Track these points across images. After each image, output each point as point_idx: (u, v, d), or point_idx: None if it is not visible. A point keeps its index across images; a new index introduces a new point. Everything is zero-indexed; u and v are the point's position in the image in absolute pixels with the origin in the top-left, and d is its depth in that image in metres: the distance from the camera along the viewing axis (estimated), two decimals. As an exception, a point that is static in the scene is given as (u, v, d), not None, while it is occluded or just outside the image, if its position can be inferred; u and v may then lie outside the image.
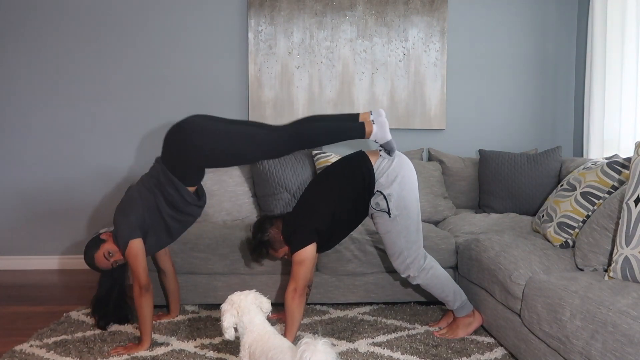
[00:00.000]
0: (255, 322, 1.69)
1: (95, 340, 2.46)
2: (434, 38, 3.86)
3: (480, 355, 2.30)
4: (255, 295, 1.77)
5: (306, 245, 2.32)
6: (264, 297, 1.78)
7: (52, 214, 3.91)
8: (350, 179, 2.37)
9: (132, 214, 2.37)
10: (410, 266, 2.42)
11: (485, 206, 3.50)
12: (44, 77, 3.84)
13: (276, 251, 2.48)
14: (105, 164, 3.90)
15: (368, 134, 2.32)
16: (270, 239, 2.45)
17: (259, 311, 1.73)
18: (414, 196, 2.38)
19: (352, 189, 2.36)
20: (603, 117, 3.48)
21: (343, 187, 2.37)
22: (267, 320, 1.73)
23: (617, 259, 1.86)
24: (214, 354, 2.30)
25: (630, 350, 1.49)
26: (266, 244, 2.46)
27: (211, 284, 2.92)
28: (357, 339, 2.47)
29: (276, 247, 2.47)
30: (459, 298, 2.50)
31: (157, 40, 3.85)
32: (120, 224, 2.36)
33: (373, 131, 2.31)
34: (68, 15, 3.81)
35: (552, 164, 3.35)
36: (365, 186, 2.35)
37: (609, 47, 3.39)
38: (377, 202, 2.34)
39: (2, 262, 3.92)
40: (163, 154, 2.45)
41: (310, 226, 2.35)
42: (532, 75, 4.01)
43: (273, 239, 2.45)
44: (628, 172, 2.23)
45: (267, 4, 3.79)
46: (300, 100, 3.85)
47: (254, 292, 1.79)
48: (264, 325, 1.70)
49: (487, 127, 4.01)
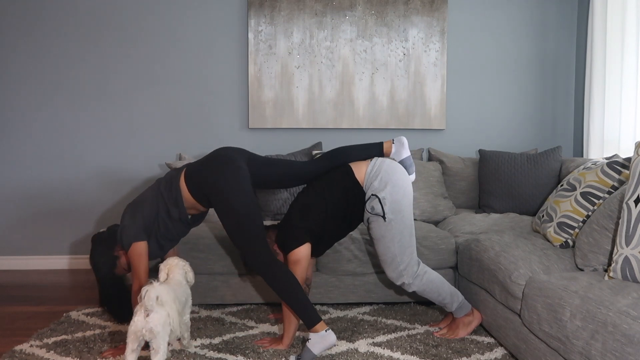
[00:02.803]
0: (175, 276, 2.26)
1: (95, 340, 2.46)
2: (434, 38, 3.86)
3: (480, 355, 2.30)
4: (186, 264, 2.32)
5: (300, 245, 2.34)
6: (191, 271, 2.33)
7: (52, 214, 3.91)
8: (335, 192, 2.43)
9: (140, 216, 2.37)
10: (404, 273, 2.42)
11: (485, 206, 3.50)
12: (44, 77, 3.85)
13: None
14: (105, 164, 3.90)
15: (387, 150, 2.53)
16: None
17: (182, 273, 2.29)
18: (407, 201, 2.39)
19: (339, 198, 2.42)
20: (603, 117, 3.48)
21: (332, 193, 2.42)
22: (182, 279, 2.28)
23: (617, 259, 1.86)
24: (214, 354, 2.30)
25: (630, 350, 1.49)
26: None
27: (211, 284, 2.92)
28: (357, 339, 2.47)
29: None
30: (456, 299, 2.50)
31: (157, 41, 3.85)
32: (127, 224, 2.35)
33: (392, 150, 2.52)
34: (68, 15, 3.81)
35: (552, 164, 3.35)
36: (354, 195, 2.42)
37: (609, 47, 3.39)
38: (372, 206, 2.36)
39: (2, 262, 3.92)
40: (198, 171, 2.39)
41: (303, 227, 2.37)
42: (532, 75, 4.01)
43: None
44: (628, 172, 2.23)
45: (267, 4, 3.79)
46: (300, 100, 3.85)
47: (187, 263, 2.33)
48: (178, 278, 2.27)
49: (487, 127, 4.02)
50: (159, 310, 1.94)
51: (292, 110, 3.85)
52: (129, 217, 2.38)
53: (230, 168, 2.34)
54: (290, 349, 2.34)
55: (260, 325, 2.67)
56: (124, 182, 3.91)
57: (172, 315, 1.99)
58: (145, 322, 1.93)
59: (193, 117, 3.90)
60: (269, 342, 2.40)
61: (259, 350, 2.33)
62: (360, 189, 2.41)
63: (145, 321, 1.93)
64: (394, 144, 2.52)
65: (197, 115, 3.90)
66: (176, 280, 2.24)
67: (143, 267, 2.33)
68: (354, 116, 3.88)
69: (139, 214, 2.37)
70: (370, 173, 2.40)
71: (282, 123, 3.86)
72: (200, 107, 3.90)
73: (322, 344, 2.19)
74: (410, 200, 2.41)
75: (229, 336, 2.51)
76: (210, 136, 3.91)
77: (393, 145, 2.52)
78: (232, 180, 2.31)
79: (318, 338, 2.19)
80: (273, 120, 3.85)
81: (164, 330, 1.94)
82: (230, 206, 2.29)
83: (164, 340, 1.95)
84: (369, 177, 2.39)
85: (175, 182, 2.40)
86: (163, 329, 1.94)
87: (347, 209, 2.43)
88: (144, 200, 2.42)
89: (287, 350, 2.33)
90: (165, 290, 2.01)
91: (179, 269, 2.27)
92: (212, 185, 2.32)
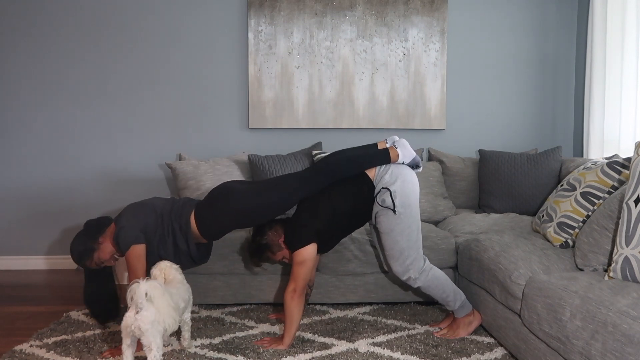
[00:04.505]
0: (175, 276, 2.28)
1: (95, 340, 2.46)
2: (434, 38, 3.86)
3: (480, 355, 2.30)
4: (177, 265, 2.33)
5: (306, 245, 2.34)
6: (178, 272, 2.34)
7: (52, 214, 3.91)
8: (349, 185, 2.44)
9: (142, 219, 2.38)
10: (410, 267, 2.43)
11: (485, 206, 3.50)
12: (44, 77, 3.84)
13: (274, 254, 2.50)
14: (105, 164, 3.90)
15: (394, 158, 2.44)
16: (269, 242, 2.47)
17: (179, 272, 2.32)
18: (415, 197, 2.43)
19: (351, 193, 2.43)
20: (603, 117, 3.48)
21: (342, 191, 2.44)
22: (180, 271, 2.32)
23: (617, 259, 1.86)
24: (214, 354, 2.30)
25: (630, 350, 1.48)
26: (264, 247, 2.48)
27: (211, 284, 2.92)
28: (357, 339, 2.47)
29: (274, 250, 2.49)
30: (459, 298, 2.51)
31: (157, 41, 3.85)
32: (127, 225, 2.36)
33: (399, 155, 2.44)
34: (68, 15, 3.81)
35: (552, 164, 3.35)
36: (366, 191, 2.43)
37: (609, 47, 3.39)
38: (382, 199, 2.37)
39: (2, 262, 3.92)
40: (205, 207, 2.48)
41: (310, 227, 2.37)
42: (532, 75, 4.00)
43: (272, 242, 2.47)
44: (628, 172, 2.23)
45: (267, 4, 3.79)
46: (300, 100, 3.85)
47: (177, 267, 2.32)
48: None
49: (487, 127, 4.01)
50: (148, 308, 1.95)
51: (292, 110, 3.85)
52: (131, 217, 2.38)
53: (233, 195, 2.44)
54: (290, 349, 2.34)
55: (260, 325, 2.67)
56: (124, 182, 3.91)
57: (164, 311, 1.99)
58: (134, 319, 1.94)
59: (193, 117, 3.90)
60: (268, 342, 2.40)
61: (259, 350, 2.33)
62: (371, 183, 2.42)
63: (134, 318, 1.94)
64: (397, 147, 2.46)
65: (197, 115, 3.90)
66: (178, 280, 2.25)
67: (141, 269, 2.33)
68: (354, 116, 3.88)
69: (141, 218, 2.37)
70: (380, 167, 2.43)
71: (282, 123, 3.86)
72: (200, 107, 3.90)
73: (401, 145, 2.44)
74: (418, 195, 2.45)
75: (229, 336, 2.51)
76: (210, 136, 3.91)
77: (397, 149, 2.45)
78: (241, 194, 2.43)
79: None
80: (273, 120, 3.85)
81: (152, 327, 1.94)
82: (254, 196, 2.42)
83: (155, 337, 1.95)
84: (380, 170, 2.42)
85: (187, 224, 2.44)
86: (152, 326, 1.94)
87: (356, 206, 2.43)
88: (149, 208, 2.43)
89: (287, 350, 2.32)
90: (154, 286, 2.01)
91: (174, 269, 2.27)
92: (230, 215, 2.43)
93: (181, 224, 2.43)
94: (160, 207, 2.47)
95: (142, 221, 2.38)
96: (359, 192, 2.43)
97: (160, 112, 3.89)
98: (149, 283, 1.99)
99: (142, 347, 1.99)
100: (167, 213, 2.45)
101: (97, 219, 2.51)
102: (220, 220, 2.44)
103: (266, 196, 2.42)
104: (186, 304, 2.27)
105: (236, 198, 2.41)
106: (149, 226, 2.39)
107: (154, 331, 1.95)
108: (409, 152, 2.46)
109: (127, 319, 1.97)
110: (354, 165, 2.44)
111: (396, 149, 2.45)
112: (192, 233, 2.46)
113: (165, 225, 2.43)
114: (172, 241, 2.44)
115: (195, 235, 2.48)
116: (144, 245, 2.35)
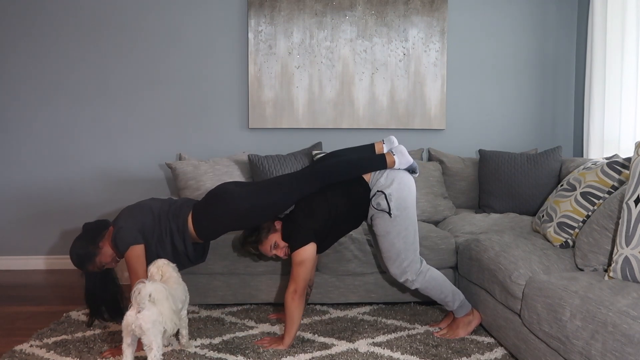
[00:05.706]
0: (172, 274, 2.28)
1: (95, 340, 2.46)
2: (434, 38, 3.86)
3: (480, 355, 2.30)
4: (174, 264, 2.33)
5: (305, 245, 2.34)
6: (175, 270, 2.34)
7: (52, 214, 3.91)
8: (345, 186, 2.45)
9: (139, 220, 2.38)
10: (407, 269, 2.43)
11: (485, 206, 3.50)
12: (44, 77, 3.84)
13: (266, 238, 2.44)
14: (105, 164, 3.90)
15: (390, 164, 2.43)
16: (261, 226, 2.45)
17: (176, 271, 2.32)
18: (412, 199, 2.43)
19: (347, 194, 2.44)
20: (603, 117, 3.48)
21: (339, 191, 2.44)
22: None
23: (617, 259, 1.86)
24: (214, 353, 2.30)
25: (630, 350, 1.49)
26: (255, 230, 2.46)
27: (211, 284, 2.92)
28: (357, 339, 2.47)
29: (265, 234, 2.44)
30: (457, 298, 2.51)
31: (157, 41, 3.85)
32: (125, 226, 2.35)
33: (396, 161, 2.43)
34: (68, 15, 3.81)
35: (552, 164, 3.35)
36: (362, 192, 2.43)
37: (609, 47, 3.39)
38: (378, 202, 2.37)
39: (2, 262, 3.92)
40: (202, 209, 2.47)
41: (307, 227, 2.37)
42: (532, 75, 4.00)
43: (263, 226, 2.45)
44: (628, 172, 2.23)
45: (267, 4, 3.79)
46: (300, 100, 3.85)
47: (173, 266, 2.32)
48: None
49: (487, 127, 4.01)
50: (151, 308, 1.97)
51: (292, 110, 3.85)
52: (128, 218, 2.38)
53: (229, 193, 2.44)
54: (290, 349, 2.34)
55: (260, 325, 2.67)
56: (124, 182, 3.91)
57: (166, 314, 2.01)
58: (136, 318, 1.96)
59: (193, 117, 3.90)
60: (269, 342, 2.40)
61: (259, 350, 2.33)
62: (366, 186, 2.43)
63: (135, 317, 1.96)
64: (394, 153, 2.45)
65: (197, 115, 3.90)
66: (174, 278, 2.26)
67: (142, 270, 2.32)
68: (354, 116, 3.88)
69: (138, 219, 2.38)
70: (375, 172, 2.44)
71: (282, 123, 3.86)
72: (200, 107, 3.90)
73: (398, 152, 2.44)
74: (414, 197, 2.44)
75: (229, 336, 2.51)
76: (210, 136, 3.91)
77: (394, 155, 2.45)
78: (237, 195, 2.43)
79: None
80: (273, 120, 3.85)
81: (154, 327, 1.96)
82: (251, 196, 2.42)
83: (156, 337, 1.96)
84: (375, 174, 2.43)
85: (184, 224, 2.44)
86: (153, 326, 1.95)
87: (353, 207, 2.44)
88: (146, 209, 2.43)
89: (287, 350, 2.32)
90: (159, 288, 2.02)
91: (171, 267, 2.28)
92: (230, 207, 2.41)
93: (178, 224, 2.44)
94: (158, 207, 2.47)
95: (139, 222, 2.38)
96: (355, 193, 2.44)
97: (160, 112, 3.89)
98: (155, 285, 2.01)
99: (143, 347, 2.00)
100: (164, 213, 2.45)
101: (95, 222, 2.50)
102: (216, 221, 2.44)
103: (262, 198, 2.42)
104: (183, 303, 2.29)
105: (232, 199, 2.41)
106: (146, 226, 2.39)
107: (155, 330, 1.96)
108: (406, 160, 2.45)
109: (128, 317, 1.98)
110: (352, 170, 2.45)
111: (393, 156, 2.44)
112: (189, 233, 2.46)
113: (162, 225, 2.43)
114: (170, 241, 2.44)
115: (192, 236, 2.48)
116: (142, 246, 2.35)
